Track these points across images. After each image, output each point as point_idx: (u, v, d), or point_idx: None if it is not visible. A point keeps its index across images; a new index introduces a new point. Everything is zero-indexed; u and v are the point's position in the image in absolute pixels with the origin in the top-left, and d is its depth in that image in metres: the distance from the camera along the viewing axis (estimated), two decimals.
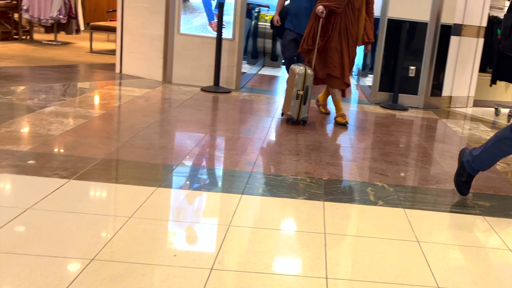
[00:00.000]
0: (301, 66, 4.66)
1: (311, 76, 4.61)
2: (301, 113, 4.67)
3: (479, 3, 6.47)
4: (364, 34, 4.92)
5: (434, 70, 6.38)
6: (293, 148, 4.03)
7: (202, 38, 6.28)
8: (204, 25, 6.28)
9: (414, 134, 5.15)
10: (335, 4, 4.71)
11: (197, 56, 6.28)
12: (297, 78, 4.56)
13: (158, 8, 6.28)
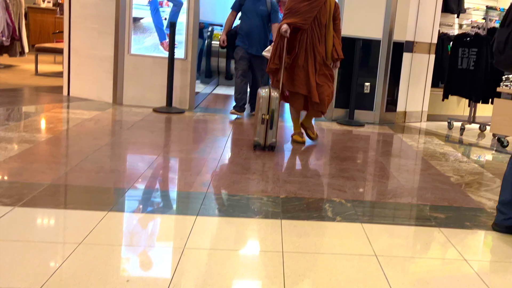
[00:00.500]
0: (265, 88, 4.53)
1: (277, 99, 4.48)
2: (268, 138, 4.51)
3: (429, 20, 6.77)
4: (333, 51, 4.83)
5: (388, 86, 6.61)
6: (249, 167, 4.06)
7: (153, 58, 6.28)
8: (156, 45, 6.29)
9: (371, 149, 5.29)
10: (300, 21, 4.68)
11: (148, 77, 6.27)
12: (261, 101, 4.44)
13: (107, 28, 6.25)
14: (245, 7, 5.97)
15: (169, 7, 6.26)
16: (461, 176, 4.28)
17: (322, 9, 4.72)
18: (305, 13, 4.67)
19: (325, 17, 4.76)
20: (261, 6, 5.96)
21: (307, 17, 4.68)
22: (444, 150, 5.31)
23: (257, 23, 5.93)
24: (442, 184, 3.99)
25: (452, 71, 6.50)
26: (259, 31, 5.97)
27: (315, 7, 4.69)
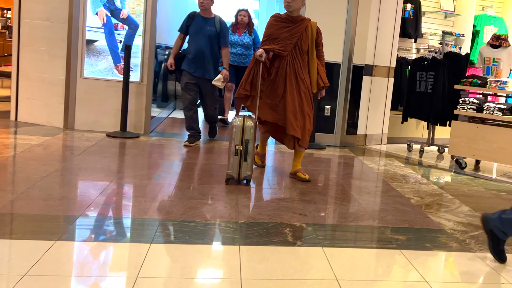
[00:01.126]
0: (239, 117, 4.27)
1: (251, 128, 4.21)
2: (242, 171, 4.23)
3: (388, 45, 6.98)
4: (319, 79, 4.64)
5: (348, 109, 6.74)
6: (206, 192, 4.02)
7: (107, 81, 6.20)
8: (110, 68, 6.22)
9: (332, 172, 5.34)
10: (280, 47, 4.49)
11: (102, 101, 6.18)
12: (234, 131, 4.19)
13: (59, 51, 6.15)
14: (191, 28, 5.79)
15: (124, 29, 6.23)
16: (421, 198, 4.37)
17: (303, 35, 4.56)
18: (284, 39, 4.50)
19: (306, 44, 4.59)
20: (208, 26, 5.78)
21: (286, 44, 4.51)
22: (404, 172, 5.42)
23: (204, 44, 5.74)
24: (403, 206, 4.06)
25: (410, 94, 6.70)
26: (207, 53, 5.76)
27: (295, 34, 4.53)
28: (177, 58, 5.83)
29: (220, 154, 5.59)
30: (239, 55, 7.51)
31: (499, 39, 6.78)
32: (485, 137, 5.57)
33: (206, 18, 5.81)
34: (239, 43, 7.50)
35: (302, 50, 4.57)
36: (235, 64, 7.46)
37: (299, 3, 4.52)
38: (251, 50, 7.53)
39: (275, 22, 4.60)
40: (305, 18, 4.64)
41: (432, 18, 8.02)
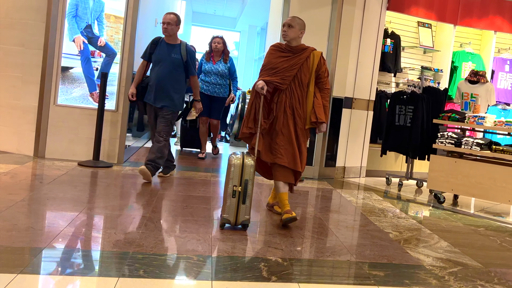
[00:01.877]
0: (238, 154, 4.00)
1: (251, 167, 3.92)
2: (240, 215, 3.91)
3: (368, 78, 7.08)
4: (312, 113, 4.26)
5: (328, 142, 6.76)
6: (179, 224, 3.94)
7: (81, 109, 6.13)
8: (85, 96, 6.16)
9: (309, 205, 5.30)
10: (278, 80, 4.21)
11: (75, 129, 6.09)
12: (232, 170, 3.89)
13: (33, 77, 6.09)
14: (155, 55, 5.44)
15: (102, 57, 6.21)
16: (399, 232, 4.35)
17: (303, 67, 4.25)
18: (283, 71, 4.21)
19: (306, 76, 4.26)
20: (173, 53, 5.42)
21: (286, 77, 4.22)
22: (383, 206, 5.41)
23: (166, 73, 5.36)
24: (381, 241, 4.03)
25: (389, 128, 6.76)
26: (170, 82, 5.37)
27: (294, 65, 4.24)
28: (140, 87, 5.47)
29: (195, 185, 5.52)
30: (213, 84, 7.35)
31: (477, 75, 6.92)
32: (463, 172, 5.61)
33: (170, 45, 5.46)
34: (214, 71, 7.33)
35: (302, 82, 4.26)
36: (209, 93, 7.33)
37: (296, 32, 4.26)
38: (226, 79, 7.43)
39: (273, 51, 4.36)
40: (307, 47, 4.33)
41: (411, 53, 8.19)
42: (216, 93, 7.37)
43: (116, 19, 6.27)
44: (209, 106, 7.33)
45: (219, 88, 7.40)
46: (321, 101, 4.31)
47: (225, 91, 7.46)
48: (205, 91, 7.30)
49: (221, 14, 19.91)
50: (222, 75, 7.39)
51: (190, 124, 8.01)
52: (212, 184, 5.68)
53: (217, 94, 7.38)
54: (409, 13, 7.55)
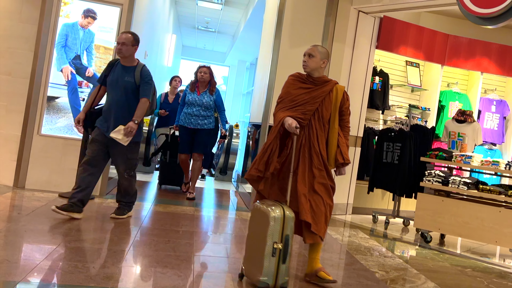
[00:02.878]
0: (275, 205, 3.49)
1: (292, 220, 3.45)
2: (279, 276, 3.40)
3: (356, 115, 7.12)
4: (338, 153, 3.88)
5: None
6: (161, 259, 3.86)
7: (66, 140, 6.09)
8: (70, 126, 6.13)
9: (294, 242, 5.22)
10: (300, 115, 3.81)
11: (58, 159, 6.03)
12: (272, 224, 3.37)
13: (17, 106, 6.06)
14: (108, 78, 4.99)
15: (89, 87, 6.21)
16: (386, 272, 4.30)
17: (325, 101, 3.88)
18: (304, 105, 3.85)
19: (328, 110, 3.89)
20: (126, 77, 4.92)
21: (307, 111, 3.84)
22: (369, 244, 5.37)
23: (118, 98, 4.90)
24: (367, 280, 3.98)
25: (377, 165, 6.77)
26: (121, 108, 4.87)
27: (316, 98, 3.87)
28: (89, 113, 4.98)
29: (177, 219, 5.45)
30: (196, 117, 6.78)
31: (464, 115, 7.00)
32: (450, 211, 5.61)
33: (125, 67, 4.97)
34: (198, 103, 6.78)
35: (323, 118, 3.88)
36: (191, 126, 6.78)
37: (317, 62, 3.89)
38: (211, 111, 6.88)
39: (292, 81, 4.00)
40: (330, 80, 3.98)
41: (399, 92, 8.28)
42: (200, 125, 6.79)
43: (105, 50, 6.30)
44: (190, 142, 6.83)
45: (203, 120, 6.82)
46: (345, 140, 3.96)
47: (211, 122, 6.90)
48: (187, 124, 6.78)
49: (211, 49, 20.17)
50: (207, 107, 6.83)
51: (170, 159, 7.47)
52: (195, 219, 5.61)
53: (201, 126, 6.80)
54: (398, 52, 7.68)
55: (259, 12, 9.43)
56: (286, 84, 4.03)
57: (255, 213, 3.60)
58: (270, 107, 6.57)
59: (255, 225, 3.57)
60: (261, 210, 3.48)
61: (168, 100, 8.54)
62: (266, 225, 3.38)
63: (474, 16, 5.21)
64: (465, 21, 5.69)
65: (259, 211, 3.52)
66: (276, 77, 6.61)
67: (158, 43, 10.70)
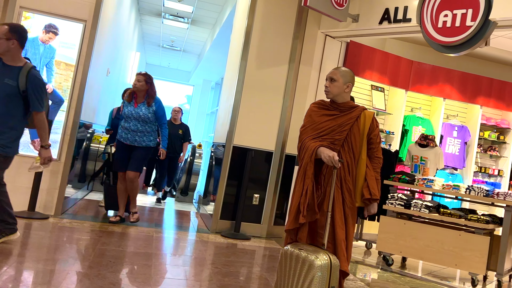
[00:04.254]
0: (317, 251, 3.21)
1: (338, 268, 3.22)
2: None
3: None
4: (364, 187, 3.50)
5: (278, 199, 6.77)
6: (117, 281, 3.79)
7: (20, 157, 5.93)
8: (26, 143, 5.99)
9: (256, 264, 5.23)
10: (329, 145, 3.51)
11: (11, 177, 5.83)
12: (319, 276, 3.09)
13: None
14: None
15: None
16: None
17: (353, 128, 3.56)
18: (331, 133, 3.54)
19: (357, 139, 3.56)
20: (7, 78, 4.17)
21: (335, 141, 3.52)
22: None
23: None
24: None
25: None
26: None
27: (343, 125, 3.56)
28: None
29: (136, 240, 5.38)
30: (134, 132, 6.07)
31: (427, 139, 7.19)
32: (412, 234, 5.71)
33: (7, 66, 4.21)
34: (134, 115, 6.05)
35: (353, 148, 3.54)
36: (128, 143, 6.11)
37: (340, 87, 3.60)
38: (151, 125, 6.16)
39: (316, 109, 3.70)
40: (357, 106, 3.65)
41: None
42: (137, 142, 6.08)
43: (66, 66, 6.24)
44: (127, 158, 6.14)
45: (141, 136, 6.10)
46: (374, 173, 3.56)
47: (149, 139, 6.18)
48: (124, 139, 6.11)
49: (176, 67, 20.17)
50: (145, 121, 6.09)
51: (114, 181, 6.59)
52: (154, 240, 5.54)
53: (138, 143, 6.10)
54: (364, 77, 7.86)
55: (226, 32, 9.53)
56: (308, 112, 3.74)
57: (291, 260, 3.24)
58: (235, 128, 6.61)
59: (292, 274, 3.21)
60: (301, 257, 3.15)
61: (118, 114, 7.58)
62: (310, 275, 3.09)
63: (438, 44, 5.41)
64: (428, 48, 5.88)
65: (297, 258, 3.18)
66: (241, 97, 6.67)
67: (122, 60, 10.65)
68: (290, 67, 6.87)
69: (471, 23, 5.08)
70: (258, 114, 6.75)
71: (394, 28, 6.25)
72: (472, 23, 5.07)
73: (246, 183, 6.49)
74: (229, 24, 8.85)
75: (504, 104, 8.85)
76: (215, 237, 6.18)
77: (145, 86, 6.12)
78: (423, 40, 5.74)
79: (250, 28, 6.74)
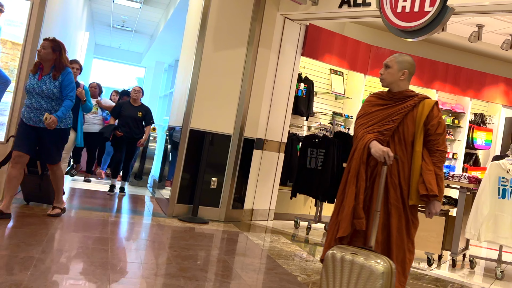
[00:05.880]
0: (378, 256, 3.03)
1: (395, 273, 3.02)
2: None
3: (280, 120, 7.32)
4: (420, 183, 3.26)
5: (236, 183, 6.83)
6: (74, 266, 3.77)
7: None
8: None
9: (215, 247, 5.28)
10: (377, 136, 3.34)
11: None
12: (382, 284, 2.90)
13: None
14: None
15: None
16: (308, 276, 4.45)
17: (407, 118, 3.38)
18: (379, 124, 3.39)
19: (410, 130, 3.36)
20: None
21: (384, 131, 3.35)
22: (291, 249, 5.52)
23: None
24: (289, 284, 4.10)
25: (301, 170, 6.98)
26: None
27: (394, 115, 3.38)
28: None
29: (91, 225, 5.33)
30: (37, 111, 5.21)
31: None
32: None
33: None
34: (36, 90, 5.20)
35: (405, 139, 3.35)
36: (31, 124, 5.23)
37: (394, 74, 3.45)
38: (56, 102, 5.28)
39: (372, 99, 3.59)
40: (416, 94, 3.47)
41: (323, 99, 8.60)
42: (44, 123, 5.16)
43: (13, 45, 6.06)
44: (33, 139, 5.27)
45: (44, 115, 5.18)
46: (432, 167, 3.30)
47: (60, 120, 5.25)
48: (27, 119, 5.23)
49: (127, 49, 19.83)
50: (49, 97, 5.22)
51: (30, 169, 5.76)
52: (110, 224, 5.51)
53: (42, 124, 5.20)
54: (323, 60, 7.97)
55: (181, 13, 9.44)
56: (364, 103, 3.65)
57: (343, 266, 3.01)
58: (192, 111, 6.60)
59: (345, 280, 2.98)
60: (358, 262, 2.94)
61: None
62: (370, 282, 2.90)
63: (396, 29, 5.55)
64: (387, 33, 6.04)
65: (352, 263, 2.97)
66: (198, 80, 6.65)
67: (70, 40, 10.39)
68: (249, 49, 6.89)
69: (429, 9, 5.24)
70: (216, 97, 6.76)
71: (354, 12, 6.36)
72: (431, 8, 5.23)
73: (203, 167, 6.51)
74: (184, 5, 8.77)
75: (460, 89, 9.18)
76: (172, 221, 6.19)
77: (52, 54, 5.25)
78: (382, 25, 5.88)
79: (207, 9, 6.70)
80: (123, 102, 8.16)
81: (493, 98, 9.54)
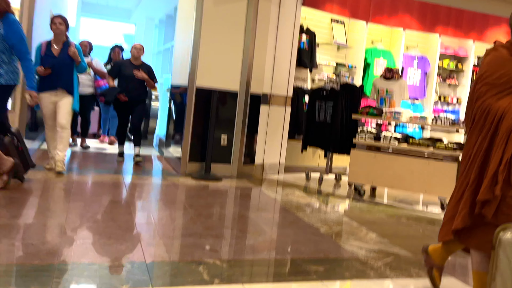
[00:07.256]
0: None
1: None
2: None
3: (285, 74, 7.25)
4: None
5: (246, 139, 6.83)
6: (103, 230, 3.80)
7: None
8: None
9: (233, 204, 5.34)
10: None
11: None
12: None
13: None
14: None
15: None
16: (329, 227, 4.53)
17: None
18: None
19: None
20: None
21: None
22: (307, 201, 5.59)
23: None
24: (314, 236, 4.17)
25: (310, 124, 6.99)
26: None
27: None
28: None
29: (107, 188, 5.36)
30: None
31: (391, 72, 7.37)
32: (383, 165, 5.95)
33: None
34: None
35: None
36: None
37: None
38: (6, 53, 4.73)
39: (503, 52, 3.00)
40: None
41: (325, 50, 8.50)
42: None
43: None
44: None
45: None
46: None
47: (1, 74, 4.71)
48: None
49: (114, 5, 19.36)
50: None
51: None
52: (125, 187, 5.53)
53: None
54: (324, 9, 7.84)
55: None
56: (494, 59, 2.98)
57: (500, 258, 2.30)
58: (196, 69, 6.52)
59: None
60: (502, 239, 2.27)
61: (52, 53, 5.80)
62: None
63: None
64: None
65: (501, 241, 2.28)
66: (201, 36, 6.52)
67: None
68: (250, 2, 6.72)
69: None
70: (220, 53, 6.65)
71: None
72: None
73: (213, 125, 6.48)
74: None
75: (462, 32, 9.09)
76: (186, 180, 6.21)
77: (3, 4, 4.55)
78: None
79: None
80: (122, 61, 7.67)
81: None
